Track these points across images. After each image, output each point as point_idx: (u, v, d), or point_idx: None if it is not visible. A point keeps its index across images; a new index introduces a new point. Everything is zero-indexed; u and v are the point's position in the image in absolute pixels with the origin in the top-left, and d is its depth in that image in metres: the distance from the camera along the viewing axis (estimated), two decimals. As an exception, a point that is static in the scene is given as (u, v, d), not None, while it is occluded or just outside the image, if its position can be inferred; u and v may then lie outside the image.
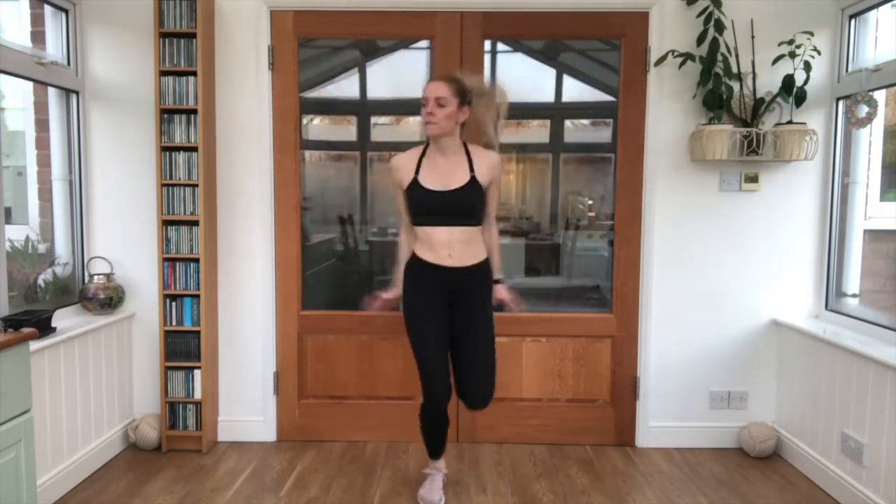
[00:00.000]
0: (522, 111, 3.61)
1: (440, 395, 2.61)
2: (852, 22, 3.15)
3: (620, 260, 3.37)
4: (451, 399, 2.66)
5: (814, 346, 3.03)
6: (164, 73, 3.10)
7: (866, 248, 3.39)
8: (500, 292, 2.72)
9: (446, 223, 2.55)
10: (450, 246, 2.56)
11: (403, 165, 2.61)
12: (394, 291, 2.73)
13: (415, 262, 2.64)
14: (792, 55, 3.05)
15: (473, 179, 2.55)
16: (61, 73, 3.11)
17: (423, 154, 2.61)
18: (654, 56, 3.20)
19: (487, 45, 3.35)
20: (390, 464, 3.15)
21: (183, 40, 3.09)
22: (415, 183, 2.56)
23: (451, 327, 2.65)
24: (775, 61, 3.08)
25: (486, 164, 2.59)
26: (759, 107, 3.14)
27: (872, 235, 3.81)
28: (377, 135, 3.73)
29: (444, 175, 2.55)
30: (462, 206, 2.55)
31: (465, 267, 2.59)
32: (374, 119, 3.70)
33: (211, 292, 3.25)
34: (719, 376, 3.36)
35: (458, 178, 2.55)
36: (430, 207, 2.55)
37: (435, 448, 2.82)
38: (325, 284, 3.67)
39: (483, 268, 2.65)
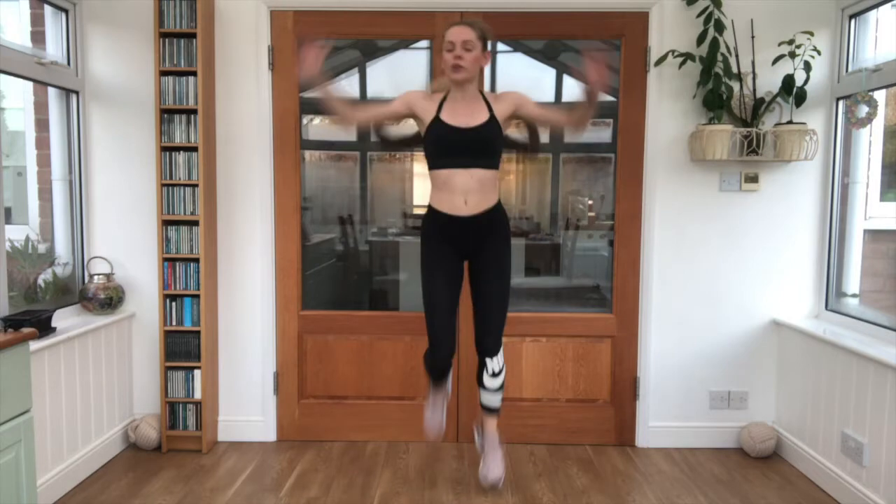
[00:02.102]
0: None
1: (444, 346, 2.70)
2: (852, 22, 3.15)
3: (620, 260, 3.37)
4: (452, 399, 2.67)
5: (814, 345, 3.03)
6: (164, 73, 3.10)
7: (866, 248, 3.39)
8: (585, 78, 2.53)
9: (465, 164, 2.58)
10: (465, 191, 2.59)
11: (428, 101, 2.66)
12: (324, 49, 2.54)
13: (431, 213, 2.70)
14: (792, 55, 3.05)
15: (493, 118, 2.61)
16: (61, 73, 3.11)
17: (444, 99, 2.65)
18: (654, 56, 3.20)
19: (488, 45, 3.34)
20: (390, 464, 3.15)
21: (183, 40, 3.09)
22: (437, 120, 2.60)
23: (470, 274, 2.74)
24: (775, 61, 3.08)
25: (503, 99, 2.66)
26: (759, 107, 3.14)
27: (872, 235, 3.81)
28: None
29: (464, 115, 2.60)
30: (482, 142, 2.60)
31: (479, 214, 2.63)
32: (374, 119, 3.70)
33: (211, 292, 3.25)
34: (719, 376, 3.36)
35: (479, 117, 2.60)
36: (452, 144, 2.59)
37: (437, 381, 2.87)
38: (325, 284, 3.68)
39: (497, 212, 2.69)
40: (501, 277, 2.72)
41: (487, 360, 2.75)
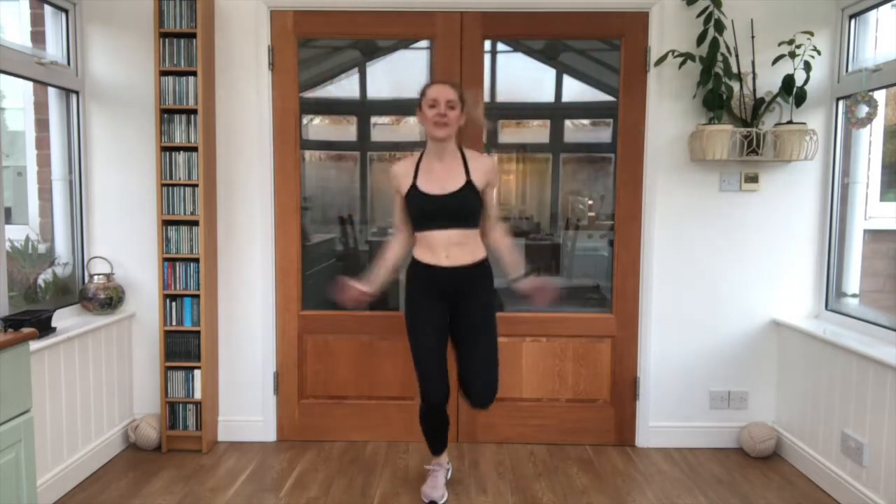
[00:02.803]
0: (522, 111, 3.62)
1: (437, 397, 2.66)
2: (852, 22, 3.15)
3: (620, 260, 3.37)
4: (451, 399, 2.67)
5: (814, 345, 3.03)
6: (164, 73, 3.10)
7: (866, 248, 3.39)
8: (526, 285, 2.71)
9: (444, 226, 2.59)
10: (447, 248, 2.60)
11: (403, 173, 2.66)
12: (367, 286, 2.70)
13: (414, 265, 2.70)
14: (792, 55, 3.05)
15: (469, 183, 2.60)
16: (61, 73, 3.11)
17: (420, 160, 2.66)
18: (654, 56, 3.20)
19: (487, 45, 3.35)
20: (390, 464, 3.15)
21: (183, 40, 3.09)
22: (413, 188, 2.61)
23: (453, 328, 2.69)
24: (775, 61, 3.08)
25: (482, 167, 2.65)
26: (759, 107, 3.14)
27: (872, 235, 3.81)
28: (377, 135, 3.73)
29: (440, 179, 2.60)
30: (458, 209, 2.60)
31: (462, 266, 2.62)
32: (374, 119, 3.70)
33: (211, 292, 3.25)
34: (719, 376, 3.36)
35: (455, 182, 2.60)
36: (428, 211, 2.60)
37: (436, 446, 2.86)
38: (326, 284, 3.67)
39: (482, 267, 2.68)
40: (488, 335, 2.67)
41: (481, 409, 2.75)
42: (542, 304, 2.70)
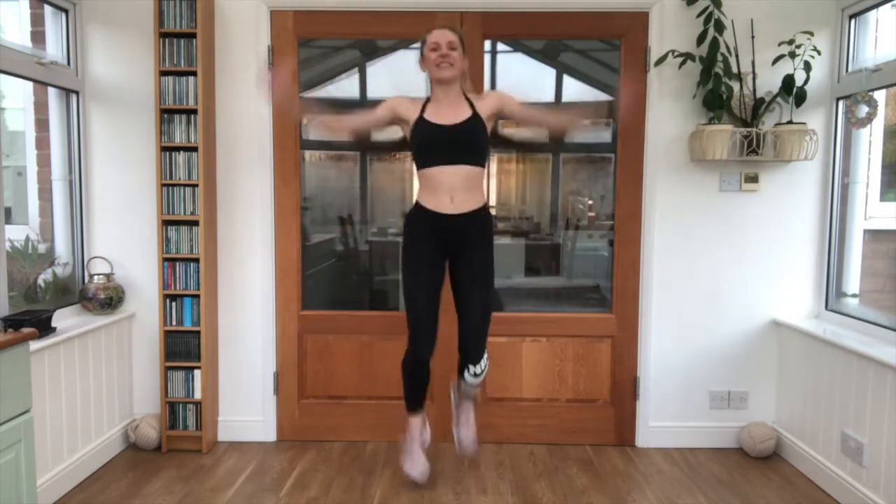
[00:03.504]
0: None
1: (425, 350, 2.70)
2: (852, 22, 3.15)
3: (620, 260, 3.37)
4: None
5: (814, 345, 3.03)
6: (164, 73, 3.10)
7: (866, 248, 3.39)
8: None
9: (451, 160, 2.60)
10: (451, 189, 2.60)
11: (409, 104, 2.69)
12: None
13: (416, 211, 2.71)
14: (792, 55, 3.05)
15: (476, 115, 2.63)
16: (61, 73, 3.11)
17: (426, 102, 2.68)
18: (654, 56, 3.20)
19: (487, 45, 3.35)
20: (390, 464, 3.15)
21: (183, 40, 3.09)
22: (421, 119, 2.63)
23: (451, 275, 2.73)
24: (775, 61, 3.08)
25: (484, 98, 2.71)
26: (759, 107, 3.14)
27: (872, 235, 3.81)
28: (377, 135, 3.73)
29: (446, 114, 2.62)
30: (467, 138, 2.61)
31: (464, 214, 2.63)
32: (374, 119, 3.69)
33: (211, 292, 3.25)
34: (719, 376, 3.36)
35: (462, 115, 2.62)
36: (435, 141, 2.61)
37: (414, 398, 2.86)
38: (325, 284, 3.67)
39: (482, 213, 2.69)
40: (485, 285, 2.71)
41: (471, 366, 2.75)
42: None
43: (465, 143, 2.61)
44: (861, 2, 3.06)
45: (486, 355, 2.79)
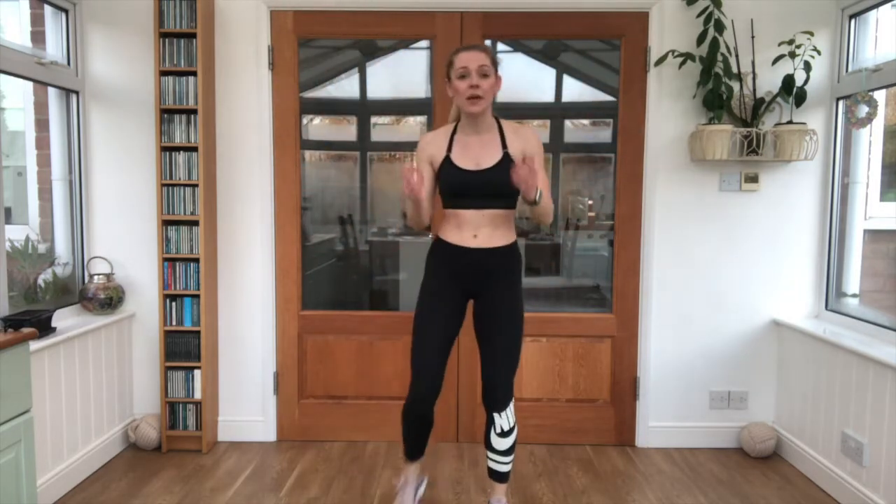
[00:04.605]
0: (522, 111, 3.61)
1: (426, 390, 2.43)
2: (852, 22, 3.15)
3: (620, 260, 3.37)
4: (451, 398, 2.65)
5: (814, 345, 3.03)
6: (164, 73, 3.10)
7: (866, 248, 3.39)
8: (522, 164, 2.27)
9: (477, 205, 2.38)
10: (477, 227, 2.39)
11: (435, 142, 2.44)
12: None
13: (437, 245, 2.49)
14: (792, 55, 3.05)
15: (507, 156, 2.36)
16: (61, 73, 3.11)
17: (455, 131, 2.44)
18: (654, 56, 3.20)
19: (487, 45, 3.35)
20: (390, 464, 3.15)
21: (183, 40, 3.09)
22: (447, 161, 2.39)
23: (476, 321, 2.48)
24: (775, 61, 3.08)
25: (519, 137, 2.41)
26: (759, 107, 3.14)
27: (872, 235, 3.81)
28: (377, 135, 3.73)
29: (476, 154, 2.38)
30: (495, 185, 2.36)
31: (488, 248, 2.40)
32: (374, 119, 3.70)
33: (211, 292, 3.25)
34: (719, 376, 3.36)
35: (492, 156, 2.37)
36: (462, 187, 2.39)
37: (412, 447, 2.56)
38: (325, 284, 3.67)
39: (511, 251, 2.45)
40: (513, 326, 2.43)
41: (496, 415, 2.43)
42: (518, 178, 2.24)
43: (496, 188, 2.36)
44: (861, 2, 3.06)
45: (512, 408, 2.46)
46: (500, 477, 2.52)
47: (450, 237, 2.44)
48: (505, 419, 2.43)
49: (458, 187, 2.39)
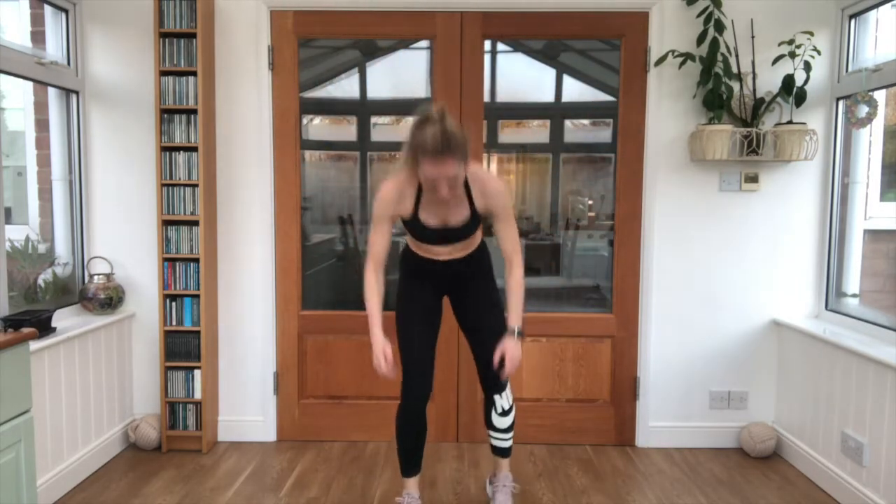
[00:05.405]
0: (522, 111, 3.61)
1: (418, 387, 2.46)
2: (852, 22, 3.15)
3: (620, 260, 3.37)
4: (451, 399, 2.65)
5: (814, 346, 3.03)
6: (164, 73, 3.10)
7: (866, 248, 3.39)
8: (506, 342, 2.37)
9: (445, 244, 2.45)
10: (447, 252, 2.48)
11: (401, 201, 2.36)
12: (382, 338, 2.42)
13: (407, 251, 2.55)
14: (792, 55, 3.05)
15: (474, 213, 2.37)
16: (61, 73, 3.11)
17: (420, 189, 2.34)
18: (654, 56, 3.20)
19: (487, 45, 3.35)
20: (390, 464, 3.15)
21: (183, 40, 3.09)
22: (414, 218, 2.38)
23: (457, 312, 2.58)
24: (775, 61, 3.08)
25: (483, 193, 2.35)
26: (759, 107, 3.14)
27: (872, 235, 3.81)
28: (377, 135, 3.73)
29: (445, 214, 2.37)
30: (462, 237, 2.43)
31: (459, 258, 2.49)
32: (374, 119, 3.70)
33: (211, 292, 3.25)
34: (719, 376, 3.36)
35: (460, 214, 2.37)
36: (429, 239, 2.43)
37: (408, 461, 2.58)
38: (325, 284, 3.67)
39: (479, 250, 2.54)
40: (496, 308, 2.51)
41: (496, 396, 2.54)
42: (498, 368, 2.38)
43: (461, 236, 2.41)
44: (861, 2, 3.06)
45: (509, 389, 2.56)
46: (504, 452, 2.68)
47: (419, 251, 2.51)
48: (505, 399, 2.55)
49: (425, 238, 2.44)
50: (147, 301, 3.33)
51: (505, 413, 2.57)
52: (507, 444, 2.66)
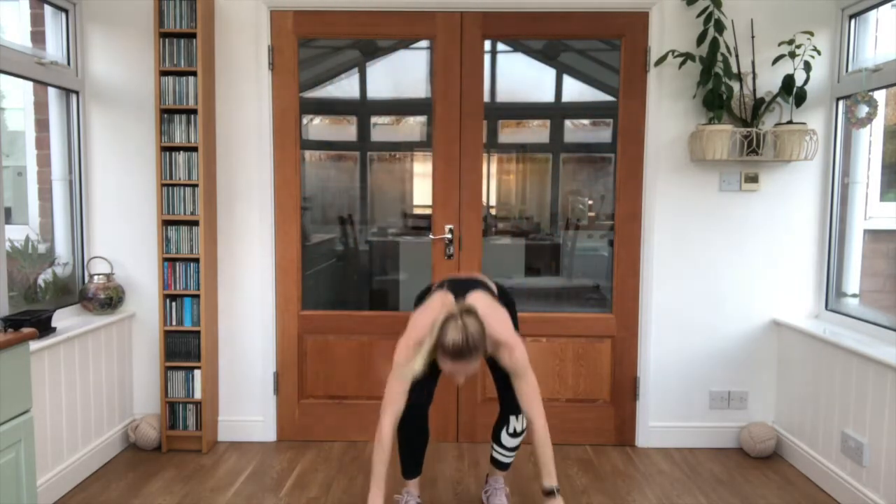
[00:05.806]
0: (522, 111, 3.61)
1: (416, 397, 2.47)
2: (852, 22, 3.15)
3: (620, 260, 3.37)
4: (451, 399, 2.65)
5: (814, 345, 3.03)
6: (164, 73, 3.10)
7: (866, 248, 3.39)
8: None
9: None
10: None
11: (420, 369, 2.38)
12: (380, 497, 2.36)
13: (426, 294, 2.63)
14: (792, 55, 3.05)
15: (488, 360, 2.48)
16: (61, 73, 3.11)
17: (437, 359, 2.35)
18: (654, 56, 3.20)
19: (487, 45, 3.35)
20: (390, 464, 3.14)
21: (183, 40, 3.09)
22: (435, 366, 2.38)
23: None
24: (775, 61, 3.08)
25: (501, 353, 2.42)
26: (759, 107, 3.14)
27: (872, 235, 3.81)
28: (377, 135, 3.73)
29: (463, 373, 2.33)
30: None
31: None
32: (374, 119, 3.70)
33: (211, 292, 3.25)
34: (719, 376, 3.36)
35: (472, 369, 2.33)
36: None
37: (409, 462, 2.62)
38: (325, 284, 3.67)
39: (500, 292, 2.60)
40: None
41: (512, 417, 2.57)
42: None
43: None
44: (861, 2, 3.06)
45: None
46: (503, 467, 2.71)
47: None
48: (520, 421, 2.59)
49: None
50: (147, 301, 3.33)
51: (516, 434, 2.60)
52: (508, 461, 2.68)
